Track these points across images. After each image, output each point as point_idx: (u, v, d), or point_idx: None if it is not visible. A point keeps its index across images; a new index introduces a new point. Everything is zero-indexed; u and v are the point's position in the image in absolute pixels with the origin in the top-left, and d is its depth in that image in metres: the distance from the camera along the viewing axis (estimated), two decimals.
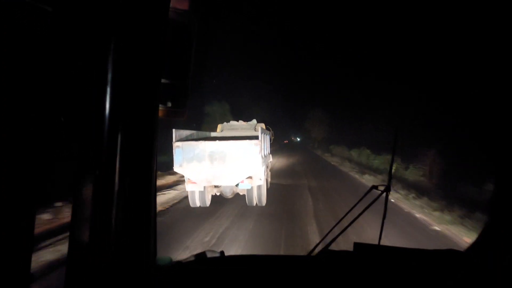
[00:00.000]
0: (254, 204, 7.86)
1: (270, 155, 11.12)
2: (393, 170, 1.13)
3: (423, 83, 18.21)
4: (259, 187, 7.71)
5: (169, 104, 0.86)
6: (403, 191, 9.80)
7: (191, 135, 7.96)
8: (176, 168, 6.95)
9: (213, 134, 10.13)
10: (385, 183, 1.04)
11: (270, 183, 11.32)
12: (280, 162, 20.36)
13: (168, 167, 9.20)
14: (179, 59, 0.84)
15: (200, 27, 0.85)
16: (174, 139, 7.00)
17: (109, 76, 0.62)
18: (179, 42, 0.85)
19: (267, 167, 9.72)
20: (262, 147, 7.56)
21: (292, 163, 19.93)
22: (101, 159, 0.63)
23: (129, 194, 0.67)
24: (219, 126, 10.47)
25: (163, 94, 0.80)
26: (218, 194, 7.86)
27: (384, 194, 1.05)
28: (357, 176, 14.28)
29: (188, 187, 7.25)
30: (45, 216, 6.17)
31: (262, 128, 8.23)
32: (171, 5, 0.76)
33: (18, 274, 0.52)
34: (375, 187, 1.12)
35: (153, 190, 0.73)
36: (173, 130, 6.86)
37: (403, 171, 14.10)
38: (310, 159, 25.09)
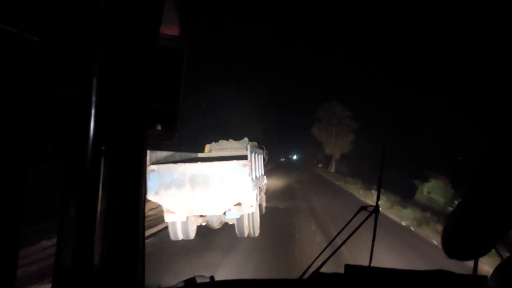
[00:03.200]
0: (246, 234, 7.20)
1: (264, 177, 10.54)
2: None
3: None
4: (250, 215, 7.10)
5: (159, 128, 0.87)
6: None
7: (171, 156, 7.20)
8: (150, 196, 6.17)
9: (200, 155, 9.52)
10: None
11: (266, 207, 10.86)
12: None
13: None
14: (169, 83, 0.91)
15: (191, 48, 0.90)
16: (148, 162, 6.21)
17: (93, 99, 0.64)
18: (169, 67, 0.90)
19: (260, 190, 9.24)
20: (253, 168, 6.96)
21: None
22: (86, 183, 0.65)
23: (116, 219, 0.70)
24: (207, 146, 9.71)
25: (152, 118, 0.85)
26: (204, 224, 7.23)
27: (374, 215, 1.09)
28: None
29: (167, 218, 6.52)
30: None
31: (252, 147, 7.62)
32: (161, 31, 0.81)
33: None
34: (364, 208, 1.16)
35: (142, 215, 0.76)
36: (148, 151, 5.90)
37: None
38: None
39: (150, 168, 6.23)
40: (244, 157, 6.57)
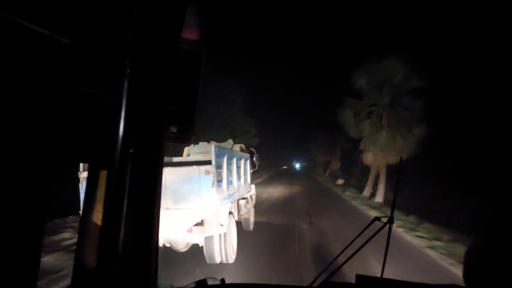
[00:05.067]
0: (217, 261, 6.13)
1: (252, 186, 9.39)
2: None
3: None
4: (222, 236, 6.11)
5: (175, 130, 0.90)
6: None
7: None
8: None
9: (175, 159, 8.33)
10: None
11: (255, 223, 9.83)
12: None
13: None
14: (187, 86, 0.92)
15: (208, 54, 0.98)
16: (81, 168, 5.03)
17: (124, 101, 0.68)
18: (188, 70, 0.96)
19: (246, 202, 8.28)
20: (224, 175, 6.01)
21: None
22: (115, 186, 0.68)
23: (135, 220, 0.72)
24: (186, 150, 8.42)
25: (170, 120, 0.90)
26: (168, 245, 6.19)
27: (387, 226, 1.11)
28: None
29: None
30: None
31: (227, 150, 6.58)
32: (182, 35, 0.85)
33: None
34: (378, 218, 1.20)
35: (157, 216, 0.80)
36: None
37: None
38: None
39: (83, 175, 4.99)
40: (206, 162, 5.37)
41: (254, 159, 9.44)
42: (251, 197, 9.31)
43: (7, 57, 0.50)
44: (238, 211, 7.73)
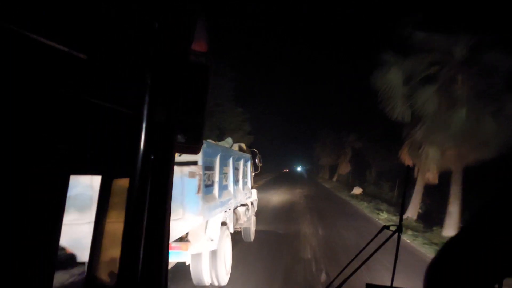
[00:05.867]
0: (207, 283, 5.35)
1: (253, 191, 8.26)
2: None
3: None
4: (212, 253, 5.29)
5: (183, 140, 0.93)
6: None
7: None
8: None
9: None
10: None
11: (256, 231, 8.87)
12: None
13: None
14: (195, 96, 0.94)
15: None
16: None
17: (145, 114, 0.71)
18: (197, 80, 0.98)
19: (247, 209, 7.47)
20: (216, 179, 5.19)
21: None
22: (136, 195, 0.70)
23: (153, 227, 0.74)
24: None
25: (179, 130, 0.92)
26: None
27: (396, 234, 1.13)
28: None
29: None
30: None
31: (211, 146, 5.48)
32: (192, 47, 0.89)
33: None
34: (386, 227, 1.22)
35: (167, 225, 0.82)
36: None
37: None
38: None
39: None
40: (191, 163, 4.50)
41: (256, 160, 8.57)
42: (252, 203, 8.32)
43: (25, 75, 0.52)
44: (236, 220, 6.95)
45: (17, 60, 0.50)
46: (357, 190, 23.80)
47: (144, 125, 0.71)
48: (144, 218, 0.70)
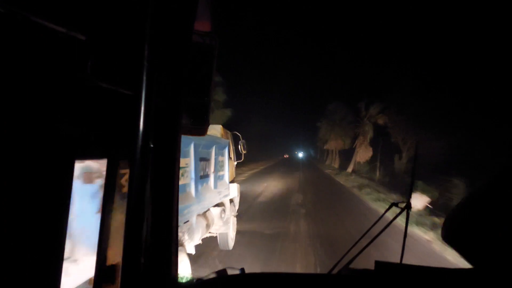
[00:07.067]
0: None
1: (234, 186, 6.84)
2: None
3: None
4: None
5: (189, 121, 0.93)
6: None
7: None
8: None
9: None
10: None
11: (237, 232, 7.22)
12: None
13: None
14: (201, 78, 0.94)
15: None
16: None
17: (143, 96, 0.68)
18: (201, 62, 0.99)
19: (223, 210, 5.87)
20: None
21: None
22: (137, 181, 0.68)
23: (157, 212, 0.76)
24: None
25: (185, 112, 0.91)
26: None
27: (405, 211, 1.11)
28: None
29: None
30: None
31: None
32: (195, 27, 0.88)
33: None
34: (395, 204, 1.20)
35: (176, 208, 0.83)
36: None
37: None
38: None
39: None
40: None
41: (240, 147, 6.96)
42: (231, 201, 6.77)
43: (25, 56, 0.52)
44: (207, 226, 5.18)
45: (17, 44, 0.50)
46: (421, 201, 11.82)
47: (142, 108, 0.68)
48: (145, 205, 0.68)
